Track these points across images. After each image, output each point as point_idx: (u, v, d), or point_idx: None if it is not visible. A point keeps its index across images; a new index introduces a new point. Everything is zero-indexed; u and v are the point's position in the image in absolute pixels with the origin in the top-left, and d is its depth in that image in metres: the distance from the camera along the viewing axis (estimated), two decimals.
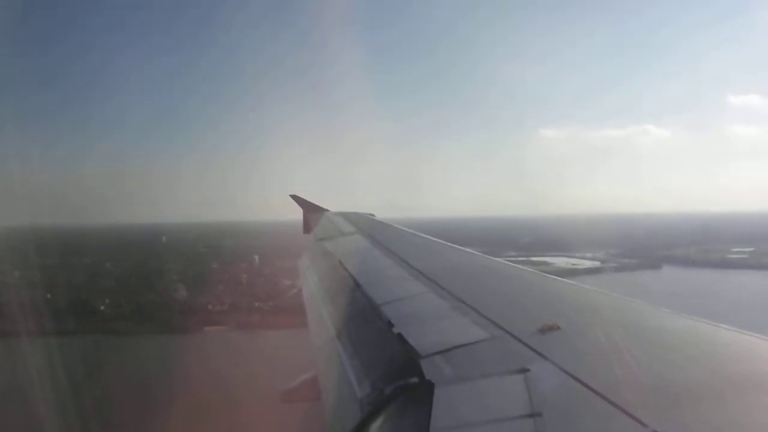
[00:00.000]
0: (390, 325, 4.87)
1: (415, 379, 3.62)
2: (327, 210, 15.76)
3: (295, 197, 16.40)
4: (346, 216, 14.23)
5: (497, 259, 8.11)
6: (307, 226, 14.89)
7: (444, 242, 9.92)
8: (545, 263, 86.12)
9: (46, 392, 23.18)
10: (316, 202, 16.34)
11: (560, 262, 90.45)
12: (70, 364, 29.02)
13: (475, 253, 8.68)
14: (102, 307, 60.07)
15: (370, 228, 12.07)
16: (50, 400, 22.44)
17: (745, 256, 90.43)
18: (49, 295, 51.11)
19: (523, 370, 3.38)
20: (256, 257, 78.03)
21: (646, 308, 4.96)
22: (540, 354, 3.64)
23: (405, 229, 11.84)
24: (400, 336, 4.50)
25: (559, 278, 6.55)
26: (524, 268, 7.34)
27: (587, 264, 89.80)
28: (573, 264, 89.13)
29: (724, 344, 3.93)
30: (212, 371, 37.50)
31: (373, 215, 14.70)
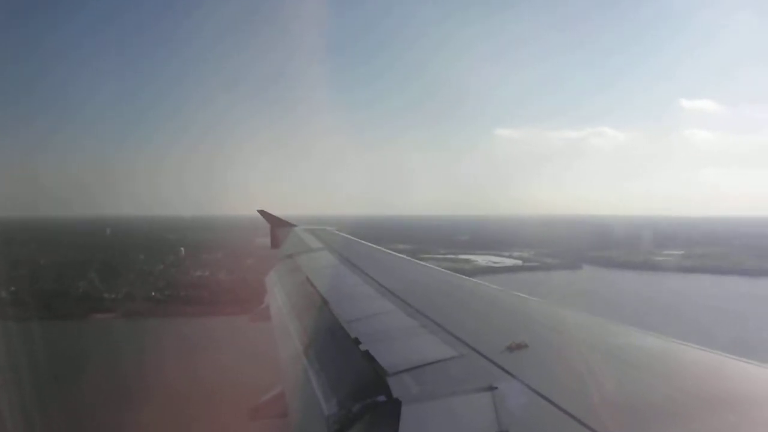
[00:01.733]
0: (357, 342, 4.84)
1: (382, 397, 3.61)
2: (294, 225, 15.80)
3: (262, 212, 16.41)
4: (314, 232, 14.29)
5: (466, 277, 8.16)
6: (275, 241, 14.89)
7: (411, 259, 10.00)
8: (468, 261, 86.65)
9: None
10: (276, 201, 16.50)
11: (483, 260, 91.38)
12: None
13: (444, 270, 8.72)
14: None
15: (337, 244, 12.10)
16: None
17: (669, 258, 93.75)
18: None
19: (491, 388, 3.39)
20: (182, 249, 78.83)
21: (614, 327, 5.02)
22: (507, 372, 3.67)
23: (372, 245, 11.90)
24: (367, 353, 4.48)
25: (528, 297, 6.57)
26: (493, 286, 7.36)
27: (508, 263, 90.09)
28: (494, 262, 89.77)
29: (691, 363, 3.99)
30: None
31: (339, 231, 14.83)
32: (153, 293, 61.31)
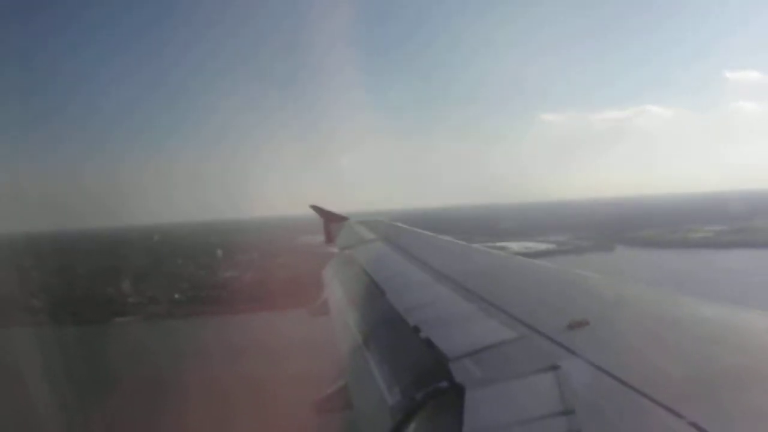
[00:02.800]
0: (417, 330, 4.86)
1: (444, 383, 3.61)
2: (347, 218, 15.90)
3: (315, 207, 16.41)
4: (367, 224, 14.43)
5: (522, 257, 8.17)
6: (329, 236, 15.02)
7: (465, 243, 9.99)
8: (503, 248, 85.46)
9: None
10: (318, 199, 16.55)
11: (517, 246, 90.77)
12: None
13: (499, 253, 8.69)
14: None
15: (391, 234, 12.16)
16: None
17: (709, 235, 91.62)
18: None
19: (554, 368, 3.37)
20: (219, 252, 79.89)
21: (676, 298, 4.92)
22: (569, 350, 3.62)
23: (424, 232, 11.87)
24: (427, 340, 4.49)
25: (587, 273, 6.46)
26: (550, 265, 7.33)
27: (542, 247, 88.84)
28: (527, 247, 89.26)
29: (760, 331, 3.86)
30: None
31: (396, 223, 14.73)
32: (176, 296, 63.06)
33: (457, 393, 3.40)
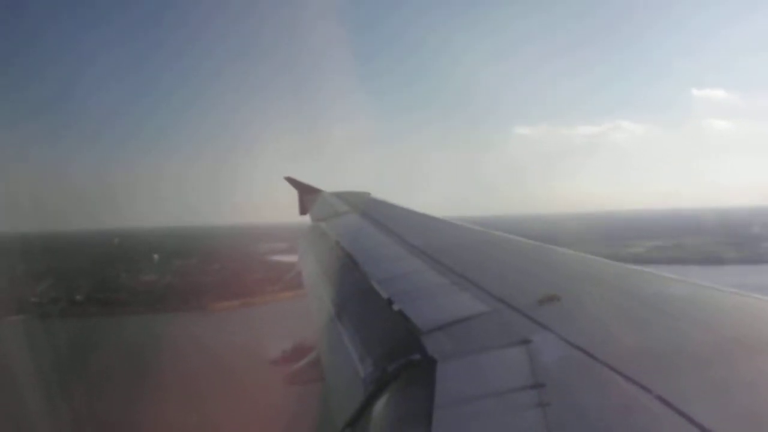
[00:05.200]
0: (390, 302, 4.86)
1: (417, 356, 3.63)
2: (322, 191, 15.55)
3: (289, 179, 16.17)
4: (342, 195, 14.07)
5: (494, 231, 8.02)
6: (303, 207, 14.82)
7: (440, 218, 9.87)
8: None
9: None
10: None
11: None
12: None
13: (472, 227, 8.62)
14: None
15: (365, 206, 11.93)
16: None
17: (640, 251, 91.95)
18: None
19: (525, 342, 3.39)
20: (156, 256, 79.35)
21: (646, 274, 4.97)
22: (541, 325, 3.65)
23: (400, 206, 11.75)
24: (400, 313, 4.50)
25: (559, 248, 6.51)
26: (524, 239, 7.26)
27: None
28: None
29: (725, 307, 3.94)
30: None
31: (368, 193, 14.43)
32: (77, 297, 61.69)
33: (429, 365, 3.41)
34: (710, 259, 77.59)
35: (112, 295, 62.01)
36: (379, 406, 3.37)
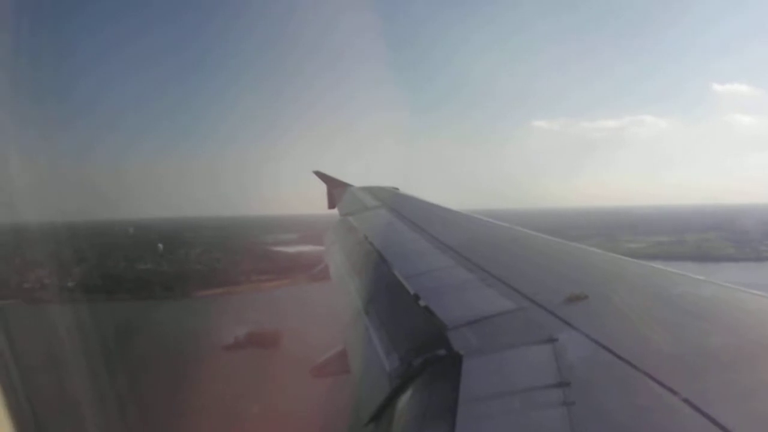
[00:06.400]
0: (417, 298, 4.87)
1: (442, 351, 3.64)
2: (350, 185, 15.58)
3: (318, 173, 16.20)
4: (370, 190, 14.08)
5: (523, 229, 7.96)
6: (332, 201, 14.84)
7: (468, 214, 9.85)
8: None
9: None
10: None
11: None
12: None
13: (499, 223, 8.59)
14: None
15: (394, 201, 11.94)
16: None
17: (641, 246, 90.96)
18: None
19: (551, 340, 3.38)
20: (160, 246, 79.41)
21: (674, 274, 4.93)
22: (567, 323, 3.63)
23: (429, 201, 11.69)
24: (426, 309, 4.51)
25: (587, 247, 6.49)
26: (552, 238, 7.22)
27: None
28: None
29: (754, 309, 3.88)
30: None
31: (396, 189, 14.45)
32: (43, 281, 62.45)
33: (454, 361, 3.42)
34: (705, 257, 77.35)
35: (102, 282, 62.12)
36: (404, 400, 3.39)
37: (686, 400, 2.52)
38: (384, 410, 3.44)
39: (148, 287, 59.48)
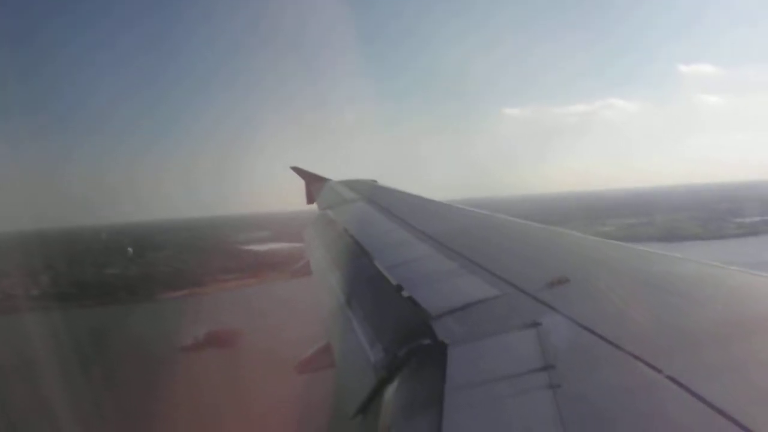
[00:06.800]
0: (399, 288, 4.88)
1: (427, 341, 3.64)
2: (328, 179, 15.57)
3: (296, 169, 16.16)
4: (349, 184, 14.11)
5: (503, 216, 8.01)
6: (310, 197, 14.81)
7: (446, 203, 9.90)
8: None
9: None
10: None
11: None
12: None
13: (479, 211, 8.62)
14: None
15: (372, 194, 11.96)
16: None
17: (611, 229, 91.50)
18: None
19: (535, 324, 3.39)
20: (130, 250, 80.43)
21: (655, 255, 4.96)
22: (550, 307, 3.65)
23: (407, 192, 11.76)
24: (410, 298, 4.51)
25: (568, 231, 6.52)
26: (532, 223, 7.26)
27: None
28: None
29: (735, 287, 3.92)
30: None
31: (375, 181, 14.48)
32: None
33: (439, 350, 3.42)
34: (672, 236, 78.52)
35: (68, 289, 61.82)
36: (390, 391, 3.38)
37: (670, 378, 2.54)
38: (371, 402, 3.44)
39: (113, 292, 59.41)
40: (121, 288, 61.29)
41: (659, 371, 2.61)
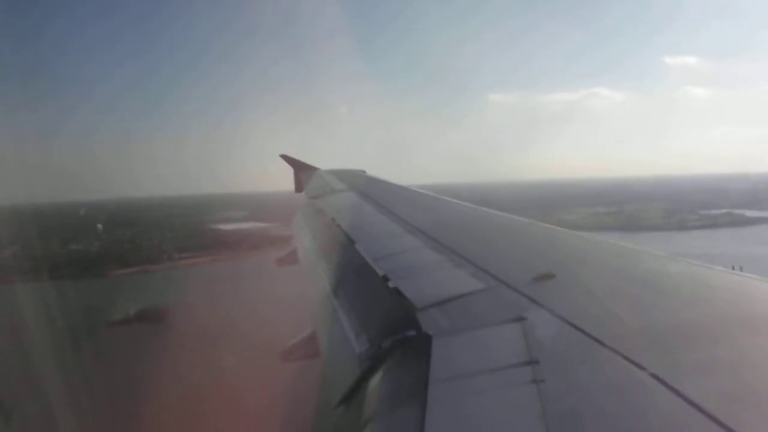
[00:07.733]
0: (385, 279, 4.87)
1: (412, 332, 3.64)
2: (317, 168, 15.53)
3: (285, 157, 16.06)
4: (337, 173, 14.07)
5: (491, 210, 8.03)
6: (299, 185, 14.77)
7: (435, 195, 9.88)
8: None
9: None
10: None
11: None
12: None
13: (468, 204, 8.63)
14: None
15: (361, 184, 11.95)
16: None
17: (579, 217, 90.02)
18: None
19: (520, 319, 3.40)
20: (99, 226, 79.51)
21: (642, 253, 4.99)
22: (536, 302, 3.66)
23: (396, 183, 11.76)
24: (396, 290, 4.51)
25: (555, 227, 6.55)
26: (520, 218, 7.28)
27: None
28: None
29: (720, 286, 3.96)
30: None
31: (364, 171, 14.50)
32: None
33: (423, 342, 3.43)
34: (632, 227, 79.65)
35: (25, 264, 60.93)
36: (374, 381, 3.38)
37: (653, 375, 2.56)
38: (355, 391, 3.43)
39: (66, 267, 58.33)
40: (75, 263, 60.82)
41: (643, 368, 2.63)
